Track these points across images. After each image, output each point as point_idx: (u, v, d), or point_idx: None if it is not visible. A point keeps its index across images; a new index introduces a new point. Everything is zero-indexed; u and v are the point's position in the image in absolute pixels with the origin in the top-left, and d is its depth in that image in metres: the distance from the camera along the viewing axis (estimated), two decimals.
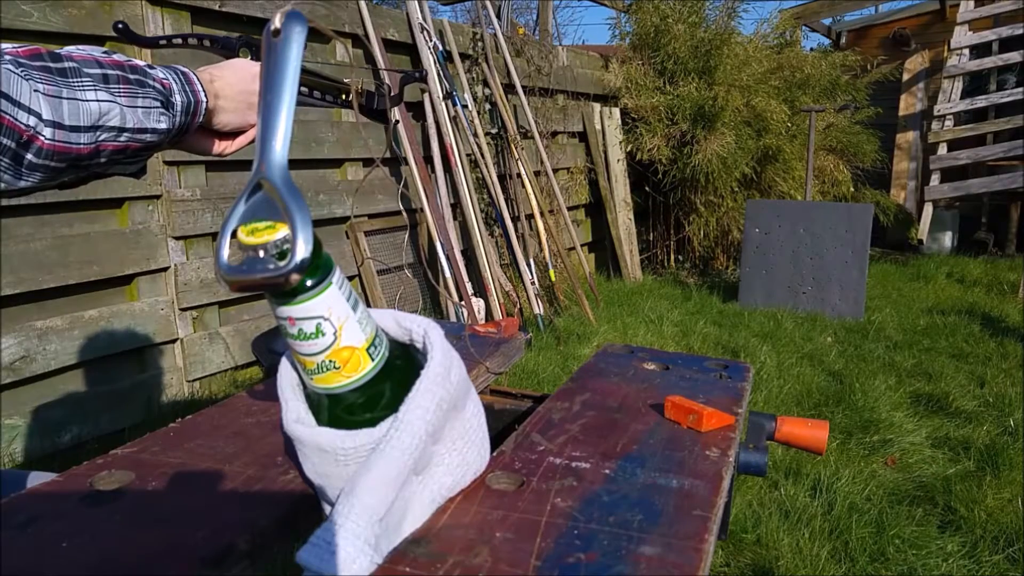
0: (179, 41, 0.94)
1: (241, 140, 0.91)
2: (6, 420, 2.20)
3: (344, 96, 1.04)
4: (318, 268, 0.49)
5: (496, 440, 0.68)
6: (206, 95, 0.80)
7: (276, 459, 0.66)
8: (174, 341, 2.62)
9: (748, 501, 2.01)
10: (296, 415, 0.55)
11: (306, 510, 0.59)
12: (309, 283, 0.49)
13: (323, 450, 0.53)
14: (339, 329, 0.51)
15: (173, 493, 0.60)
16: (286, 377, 0.58)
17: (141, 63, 0.73)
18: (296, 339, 0.51)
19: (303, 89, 1.00)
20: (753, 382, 0.92)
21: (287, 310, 0.50)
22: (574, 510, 0.57)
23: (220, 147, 0.89)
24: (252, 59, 0.95)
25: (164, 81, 0.74)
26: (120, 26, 0.88)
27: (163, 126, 0.73)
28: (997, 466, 2.22)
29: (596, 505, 0.58)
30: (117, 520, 0.56)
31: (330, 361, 0.51)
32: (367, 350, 0.52)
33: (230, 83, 0.86)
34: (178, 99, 0.75)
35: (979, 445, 2.37)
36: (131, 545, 0.52)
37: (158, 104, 0.72)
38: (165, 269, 2.57)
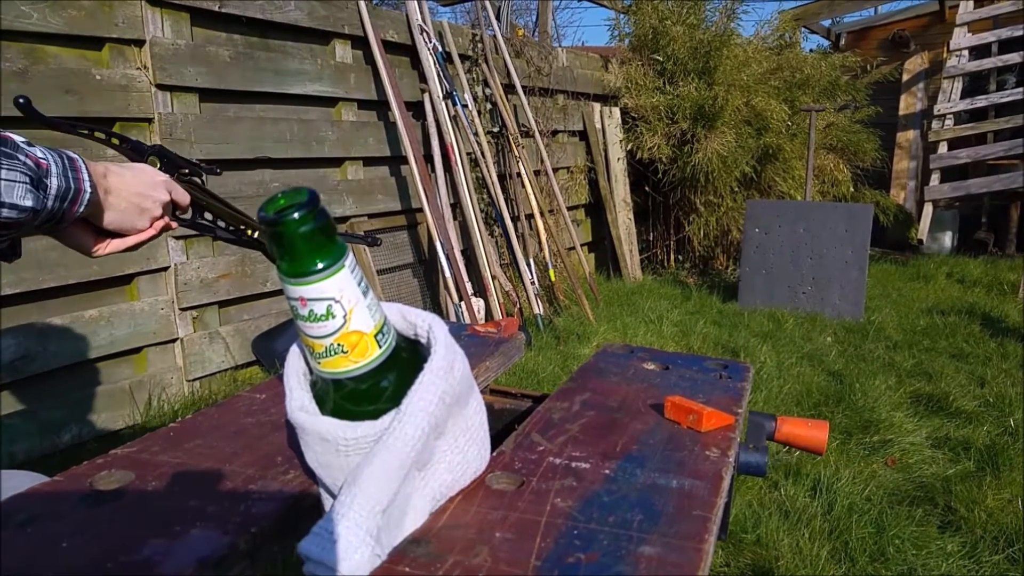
0: (84, 131, 0.91)
1: (117, 243, 0.87)
2: (5, 420, 2.20)
3: (250, 232, 1.02)
4: (332, 250, 0.50)
5: (496, 440, 0.68)
6: (93, 187, 0.76)
7: (276, 459, 0.66)
8: (174, 341, 2.62)
9: (748, 501, 2.01)
10: (300, 403, 0.56)
11: (306, 510, 0.59)
12: (321, 264, 0.50)
13: (324, 439, 0.54)
14: (349, 312, 0.51)
15: (173, 493, 0.60)
16: (293, 366, 0.58)
17: (17, 138, 0.70)
18: (306, 320, 0.52)
19: (208, 216, 0.98)
20: (753, 382, 0.92)
21: (299, 290, 0.51)
22: (574, 510, 0.57)
23: (99, 246, 0.85)
24: (161, 168, 0.93)
25: (41, 161, 0.70)
26: (22, 101, 0.85)
27: (28, 204, 0.68)
28: (997, 466, 2.22)
29: (596, 505, 0.58)
30: (117, 520, 0.56)
31: (338, 344, 0.52)
32: (375, 336, 0.53)
33: (127, 182, 0.83)
34: (54, 182, 0.71)
35: (979, 445, 2.37)
36: (131, 545, 0.52)
37: (26, 180, 0.68)
38: (165, 269, 2.57)
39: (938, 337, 3.68)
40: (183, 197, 0.93)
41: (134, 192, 0.84)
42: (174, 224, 0.93)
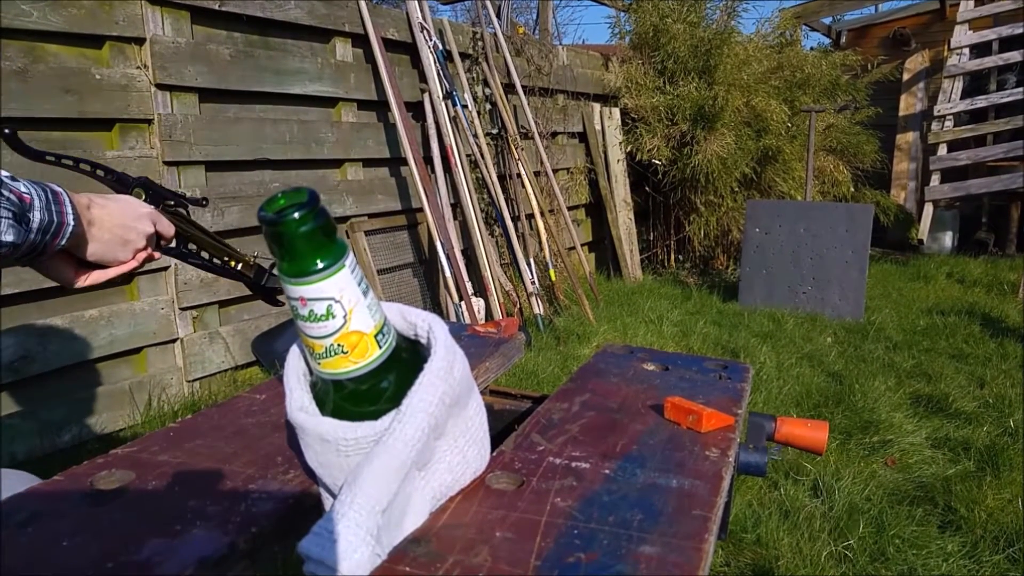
0: (69, 163, 0.91)
1: (98, 275, 0.87)
2: (6, 421, 2.20)
3: (234, 264, 1.03)
4: (332, 250, 0.50)
5: (496, 441, 0.68)
6: (76, 219, 0.76)
7: (276, 459, 0.66)
8: (174, 341, 2.62)
9: (748, 501, 2.01)
10: (300, 403, 0.56)
11: (306, 510, 0.59)
12: (322, 264, 0.50)
13: (325, 440, 0.54)
14: (349, 313, 0.51)
15: (173, 493, 0.60)
16: (293, 366, 0.58)
17: (2, 172, 0.70)
18: (306, 321, 0.52)
19: (191, 246, 0.99)
20: (753, 382, 0.92)
21: (299, 290, 0.51)
22: (574, 510, 0.57)
23: (80, 277, 0.85)
24: (146, 200, 0.93)
25: (24, 195, 0.71)
26: (7, 132, 0.85)
27: (8, 239, 0.69)
28: (997, 466, 2.22)
29: (596, 505, 0.58)
30: (117, 519, 0.56)
31: (338, 345, 0.52)
32: (375, 337, 0.53)
33: (111, 213, 0.83)
34: (36, 216, 0.72)
35: (979, 446, 2.37)
36: (131, 545, 0.52)
37: (9, 216, 0.69)
38: (165, 268, 2.57)
39: (938, 337, 3.68)
40: (168, 229, 0.93)
41: (118, 224, 0.83)
42: (157, 255, 0.93)
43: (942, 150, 6.07)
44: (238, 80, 2.75)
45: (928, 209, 6.02)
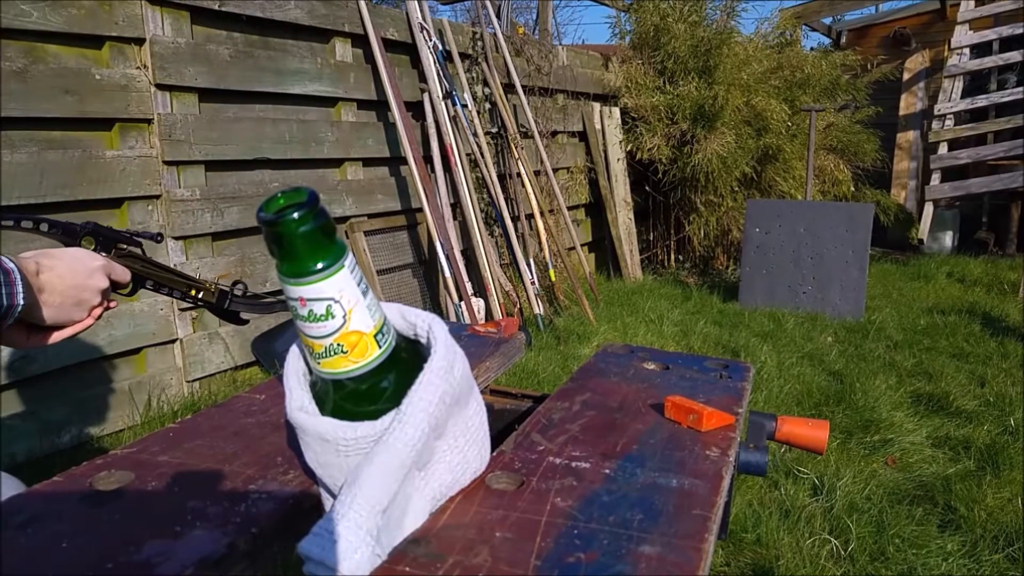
0: (9, 224, 0.89)
1: (56, 336, 0.84)
2: (6, 421, 2.20)
3: (195, 292, 1.03)
4: (331, 250, 0.50)
5: (496, 440, 0.68)
6: (26, 293, 0.74)
7: (276, 459, 0.66)
8: (173, 341, 2.62)
9: (748, 500, 2.01)
10: (300, 403, 0.56)
11: (306, 510, 0.59)
12: (321, 264, 0.50)
13: (324, 439, 0.54)
14: (349, 313, 0.51)
15: (173, 493, 0.60)
16: (292, 366, 0.58)
17: None
18: (306, 321, 0.51)
19: (149, 284, 0.99)
20: (753, 382, 0.92)
21: (299, 290, 0.51)
22: (574, 510, 0.57)
23: (33, 340, 0.82)
24: (96, 250, 0.91)
25: None
26: None
27: None
28: (997, 465, 2.22)
29: (596, 505, 0.58)
30: (117, 520, 0.56)
31: (338, 344, 0.52)
32: (375, 336, 0.53)
33: (61, 276, 0.80)
34: None
35: (979, 445, 2.37)
36: (131, 545, 0.52)
37: None
38: None
39: (938, 337, 3.68)
40: (123, 276, 0.90)
41: (69, 286, 0.81)
42: (113, 304, 0.91)
43: (942, 149, 6.07)
44: (238, 80, 2.75)
45: (928, 209, 6.02)
